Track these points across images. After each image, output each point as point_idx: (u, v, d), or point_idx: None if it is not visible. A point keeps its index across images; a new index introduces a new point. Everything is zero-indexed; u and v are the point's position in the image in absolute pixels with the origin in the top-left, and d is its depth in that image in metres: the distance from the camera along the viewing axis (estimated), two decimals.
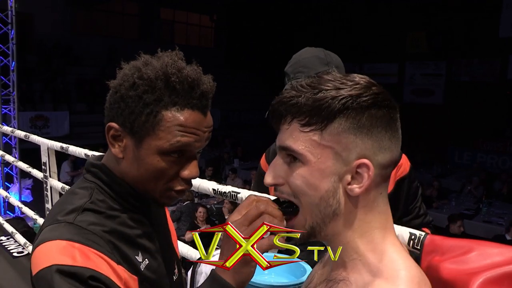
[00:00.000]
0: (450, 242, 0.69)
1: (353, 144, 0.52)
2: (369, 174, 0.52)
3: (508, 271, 0.57)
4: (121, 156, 0.69)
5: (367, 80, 0.53)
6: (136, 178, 0.69)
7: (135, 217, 0.72)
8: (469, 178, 8.09)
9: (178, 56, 0.69)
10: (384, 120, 0.52)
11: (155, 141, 0.66)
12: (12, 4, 5.20)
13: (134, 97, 0.65)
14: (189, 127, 0.66)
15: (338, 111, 0.51)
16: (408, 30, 11.75)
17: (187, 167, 0.69)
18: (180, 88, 0.66)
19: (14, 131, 3.28)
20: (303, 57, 1.24)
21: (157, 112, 0.65)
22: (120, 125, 0.67)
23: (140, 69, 0.66)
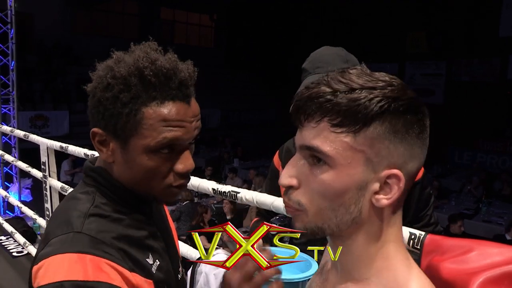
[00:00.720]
0: (450, 242, 0.69)
1: (386, 151, 0.48)
2: (399, 186, 0.48)
3: (508, 270, 0.57)
4: (111, 161, 0.66)
5: (399, 82, 0.49)
6: (131, 180, 0.67)
7: (139, 218, 0.70)
8: (469, 178, 8.09)
9: (151, 47, 0.65)
10: (418, 127, 0.49)
11: (140, 140, 0.62)
12: (12, 4, 5.20)
13: (110, 98, 0.62)
14: (173, 120, 0.62)
15: (376, 114, 0.47)
16: (408, 30, 11.75)
17: (180, 160, 0.66)
18: (156, 81, 0.62)
19: (14, 131, 3.28)
20: (323, 54, 1.24)
21: (136, 111, 0.62)
22: (103, 129, 0.64)
23: (112, 68, 0.63)
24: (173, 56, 0.65)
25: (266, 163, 9.51)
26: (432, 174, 8.62)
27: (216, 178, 7.63)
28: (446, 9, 10.82)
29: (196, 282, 1.10)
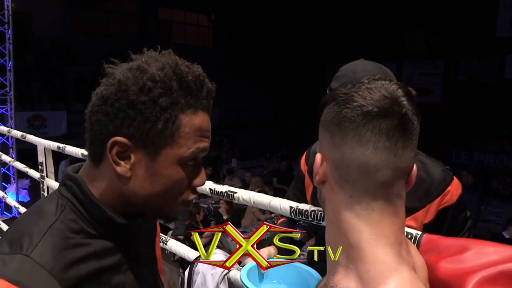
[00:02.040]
0: (446, 241, 0.69)
1: (320, 137, 0.58)
2: (314, 167, 0.57)
3: (504, 269, 0.57)
4: (129, 175, 0.59)
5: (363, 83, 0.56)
6: (148, 197, 0.60)
7: (108, 246, 0.61)
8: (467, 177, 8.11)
9: (173, 54, 0.62)
10: (337, 118, 0.54)
11: (175, 150, 0.58)
12: (9, 4, 5.19)
13: (147, 102, 0.56)
14: (204, 130, 0.61)
15: (322, 107, 0.58)
16: (406, 29, 11.76)
17: (198, 174, 0.64)
18: (194, 88, 0.60)
19: (11, 131, 3.27)
20: (360, 76, 1.07)
21: (175, 117, 0.58)
22: (129, 138, 0.57)
23: (146, 69, 0.58)
24: (198, 66, 0.64)
25: (264, 163, 9.51)
26: None
27: (214, 178, 7.62)
28: (444, 9, 10.84)
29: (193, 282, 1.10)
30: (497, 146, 10.65)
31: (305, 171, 1.31)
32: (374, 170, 0.51)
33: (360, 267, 0.51)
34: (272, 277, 0.66)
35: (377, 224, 0.53)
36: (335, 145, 0.54)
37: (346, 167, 0.53)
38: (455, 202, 1.11)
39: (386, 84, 0.53)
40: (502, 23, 9.96)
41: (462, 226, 1.16)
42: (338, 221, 0.54)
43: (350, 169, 0.52)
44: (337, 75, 1.15)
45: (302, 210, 0.98)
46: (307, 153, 1.33)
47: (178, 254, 1.39)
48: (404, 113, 0.52)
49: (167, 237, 1.49)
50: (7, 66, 5.49)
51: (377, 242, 0.52)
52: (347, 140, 0.52)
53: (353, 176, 0.53)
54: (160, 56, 0.61)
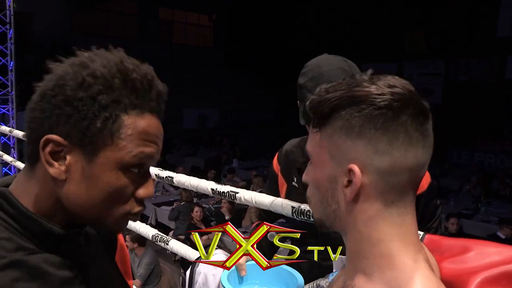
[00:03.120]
0: (448, 242, 0.69)
1: (344, 146, 0.51)
2: (355, 180, 0.50)
3: (506, 270, 0.58)
4: (63, 178, 0.53)
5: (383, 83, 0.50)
6: (85, 204, 0.54)
7: (53, 260, 0.55)
8: (468, 177, 8.11)
9: (121, 52, 0.57)
10: (379, 121, 0.49)
11: (114, 152, 0.53)
12: (11, 4, 5.19)
13: (85, 99, 0.52)
14: (151, 134, 0.55)
15: (331, 111, 0.51)
16: (406, 29, 11.76)
17: (144, 184, 0.57)
18: (140, 87, 0.54)
19: (13, 131, 3.27)
20: (326, 70, 1.11)
21: (116, 116, 0.53)
22: (64, 137, 0.52)
23: (87, 64, 0.53)
24: (149, 66, 0.58)
25: (265, 163, 9.51)
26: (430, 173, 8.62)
27: (215, 178, 7.62)
28: (444, 9, 10.83)
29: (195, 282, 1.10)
30: (498, 146, 10.65)
31: (278, 171, 1.33)
32: (419, 169, 0.51)
33: (388, 275, 0.50)
34: (252, 279, 0.66)
35: (409, 230, 0.52)
36: (380, 151, 0.49)
37: (397, 172, 0.49)
38: (426, 190, 1.15)
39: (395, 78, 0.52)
40: (503, 23, 9.95)
41: (433, 214, 1.20)
42: (370, 232, 0.51)
43: (401, 174, 0.50)
44: (303, 71, 1.17)
45: (304, 210, 0.98)
46: (279, 153, 1.35)
47: (179, 254, 1.39)
48: (427, 106, 0.53)
49: (168, 237, 1.49)
50: (9, 66, 5.49)
51: (407, 249, 0.51)
52: (397, 143, 0.49)
53: (403, 180, 0.50)
54: (108, 53, 0.56)
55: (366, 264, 0.52)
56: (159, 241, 1.49)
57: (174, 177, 1.45)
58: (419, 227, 1.19)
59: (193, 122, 12.14)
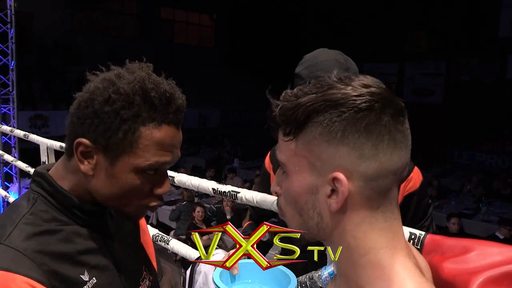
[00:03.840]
0: (450, 242, 0.69)
1: (326, 153, 0.47)
2: (342, 189, 0.46)
3: (508, 270, 0.57)
4: (91, 174, 0.65)
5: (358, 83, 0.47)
6: (108, 196, 0.66)
7: (81, 231, 0.67)
8: (469, 177, 8.11)
9: (150, 69, 0.67)
10: (362, 124, 0.45)
11: (132, 159, 0.63)
12: (12, 3, 5.20)
13: (110, 112, 0.62)
14: (166, 144, 0.65)
15: (307, 117, 0.47)
16: (407, 29, 11.75)
17: (161, 184, 0.67)
18: (158, 104, 0.63)
19: (13, 131, 3.27)
20: (322, 60, 1.12)
21: (135, 129, 0.62)
22: (92, 141, 0.63)
23: (114, 82, 0.63)
24: (172, 81, 0.68)
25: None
26: (431, 173, 8.64)
27: (216, 178, 7.63)
28: (445, 9, 10.83)
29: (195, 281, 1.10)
30: (499, 146, 10.65)
31: (270, 170, 1.34)
32: (402, 170, 0.48)
33: (379, 286, 0.47)
34: (244, 277, 0.66)
35: (395, 236, 0.50)
36: (365, 156, 0.46)
37: (382, 176, 0.47)
38: (418, 188, 1.16)
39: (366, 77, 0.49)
40: (504, 23, 9.94)
41: (425, 212, 1.21)
42: (357, 242, 0.49)
43: (386, 178, 0.47)
44: (301, 61, 1.19)
45: None
46: (271, 152, 1.36)
47: (179, 254, 1.39)
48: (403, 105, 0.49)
49: (169, 237, 1.49)
50: (10, 65, 5.50)
51: (396, 256, 0.49)
52: (382, 147, 0.46)
53: (388, 184, 0.47)
54: (137, 69, 0.66)
55: (357, 275, 0.50)
56: (160, 241, 1.49)
57: (175, 176, 1.45)
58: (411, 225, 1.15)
59: (194, 122, 12.15)
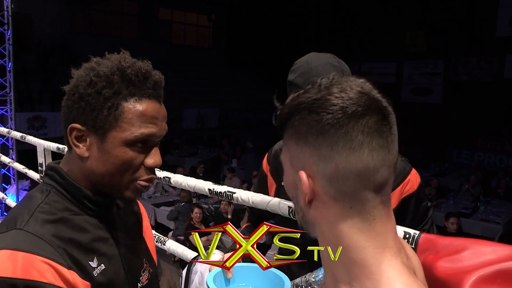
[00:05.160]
0: (444, 241, 0.69)
1: (296, 153, 0.51)
2: (303, 187, 0.50)
3: (500, 268, 0.57)
4: (86, 155, 0.70)
5: (320, 84, 0.50)
6: (104, 174, 0.70)
7: (91, 221, 0.72)
8: (467, 177, 8.11)
9: (126, 54, 0.72)
10: (319, 126, 0.48)
11: (119, 133, 0.68)
12: (8, 5, 5.19)
13: (93, 94, 0.68)
14: (149, 116, 0.69)
15: (284, 119, 0.52)
16: (406, 29, 11.77)
17: (150, 155, 0.72)
18: (135, 80, 0.69)
19: (11, 132, 3.27)
20: (316, 65, 1.11)
21: (117, 105, 0.68)
22: (82, 124, 0.69)
23: (94, 68, 0.70)
24: (148, 62, 0.73)
25: None
26: (430, 173, 8.65)
27: (215, 178, 7.62)
28: (444, 8, 10.84)
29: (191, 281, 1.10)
30: (498, 145, 10.66)
31: (267, 171, 1.33)
32: (374, 172, 0.48)
33: (367, 284, 0.48)
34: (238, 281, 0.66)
35: (380, 235, 0.50)
36: (322, 157, 0.48)
37: (342, 177, 0.48)
38: (416, 190, 1.15)
39: (353, 80, 0.50)
40: (501, 23, 9.96)
41: (424, 215, 1.18)
42: (337, 240, 0.50)
43: (348, 179, 0.48)
44: (292, 68, 1.17)
45: None
46: (268, 154, 1.35)
47: (176, 255, 1.39)
48: (384, 106, 0.49)
49: (166, 238, 1.49)
50: (7, 67, 5.49)
51: (382, 255, 0.49)
52: (338, 148, 0.48)
53: (352, 185, 0.48)
54: (115, 56, 0.72)
55: (343, 273, 0.50)
56: (156, 241, 1.49)
57: (171, 177, 1.45)
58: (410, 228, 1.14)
59: (193, 122, 12.14)
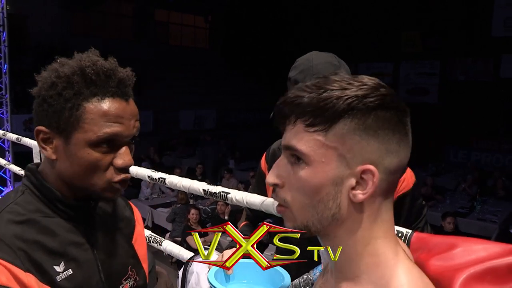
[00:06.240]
0: (436, 239, 0.69)
1: (358, 146, 0.49)
2: (373, 181, 0.50)
3: (491, 266, 0.58)
4: (54, 158, 0.69)
5: (376, 82, 0.51)
6: (73, 176, 0.69)
7: (64, 225, 0.70)
8: (464, 176, 8.14)
9: (93, 52, 0.70)
10: (391, 122, 0.50)
11: (82, 134, 0.66)
12: (4, 6, 5.17)
13: (54, 96, 0.67)
14: (112, 115, 0.67)
15: (343, 111, 0.49)
16: (403, 29, 11.81)
17: (119, 156, 0.69)
18: (97, 79, 0.67)
19: (6, 134, 3.26)
20: (316, 63, 1.14)
21: (78, 106, 0.66)
22: (47, 126, 0.68)
23: (56, 69, 0.68)
24: (113, 60, 0.70)
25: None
26: (427, 172, 8.67)
27: (213, 179, 7.61)
28: (440, 9, 10.89)
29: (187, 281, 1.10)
30: (494, 145, 10.71)
31: (265, 170, 1.34)
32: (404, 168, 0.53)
33: (375, 273, 0.52)
34: (239, 277, 0.66)
35: (389, 226, 0.54)
36: (389, 151, 0.50)
37: (399, 171, 0.52)
38: (411, 189, 1.16)
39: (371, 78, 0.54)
40: (497, 23, 10.01)
41: (419, 213, 1.21)
42: (363, 233, 0.52)
43: (399, 172, 0.52)
44: (294, 65, 1.19)
45: None
46: (266, 153, 1.36)
47: (172, 255, 1.39)
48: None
49: (162, 238, 1.49)
50: (3, 69, 5.47)
51: (389, 244, 0.53)
52: (403, 144, 0.51)
53: (397, 178, 0.53)
54: (80, 56, 0.70)
55: (355, 266, 0.52)
56: (153, 242, 1.49)
57: (166, 178, 1.45)
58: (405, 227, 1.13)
59: (190, 123, 12.13)
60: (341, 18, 12.44)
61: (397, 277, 0.51)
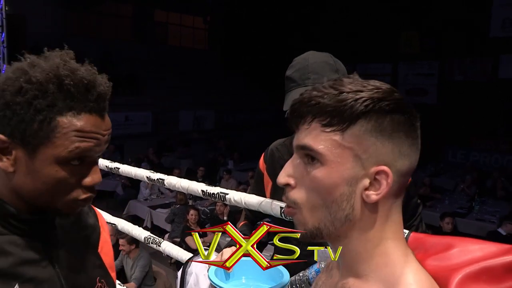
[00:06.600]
0: (432, 240, 0.70)
1: (373, 148, 0.50)
2: (387, 181, 0.51)
3: (486, 266, 0.58)
4: (11, 170, 0.61)
5: (389, 86, 0.53)
6: (32, 193, 0.61)
7: (18, 242, 0.63)
8: (463, 176, 8.15)
9: (69, 56, 0.63)
10: (405, 126, 0.52)
11: (51, 149, 0.59)
12: (3, 7, 5.17)
13: (22, 103, 0.58)
14: (87, 132, 0.61)
15: (361, 112, 0.50)
16: (401, 30, 11.83)
17: (89, 173, 0.63)
18: (75, 91, 0.60)
19: None
20: (312, 62, 1.17)
21: (51, 119, 0.59)
22: (8, 135, 0.59)
23: (26, 71, 0.59)
24: (92, 68, 0.64)
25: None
26: (426, 173, 8.68)
27: (212, 180, 7.61)
28: (438, 9, 10.91)
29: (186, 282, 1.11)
30: (493, 145, 10.73)
31: (263, 170, 1.35)
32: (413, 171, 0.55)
33: (384, 272, 0.53)
34: (238, 274, 0.67)
35: (399, 227, 0.56)
36: (402, 154, 0.52)
37: (409, 173, 0.54)
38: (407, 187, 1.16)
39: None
40: (495, 23, 10.04)
41: (414, 211, 1.23)
42: (375, 233, 0.54)
43: (409, 175, 0.54)
44: (291, 64, 1.23)
45: None
46: (265, 153, 1.37)
47: (171, 256, 1.40)
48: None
49: (160, 239, 1.49)
50: (2, 69, 5.47)
51: (399, 245, 0.55)
52: (414, 147, 0.53)
53: (407, 180, 0.54)
54: (53, 58, 0.62)
55: (365, 265, 0.54)
56: (151, 243, 1.50)
57: (165, 179, 1.45)
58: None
59: (189, 124, 12.12)
60: (339, 19, 12.45)
61: (405, 277, 0.52)
